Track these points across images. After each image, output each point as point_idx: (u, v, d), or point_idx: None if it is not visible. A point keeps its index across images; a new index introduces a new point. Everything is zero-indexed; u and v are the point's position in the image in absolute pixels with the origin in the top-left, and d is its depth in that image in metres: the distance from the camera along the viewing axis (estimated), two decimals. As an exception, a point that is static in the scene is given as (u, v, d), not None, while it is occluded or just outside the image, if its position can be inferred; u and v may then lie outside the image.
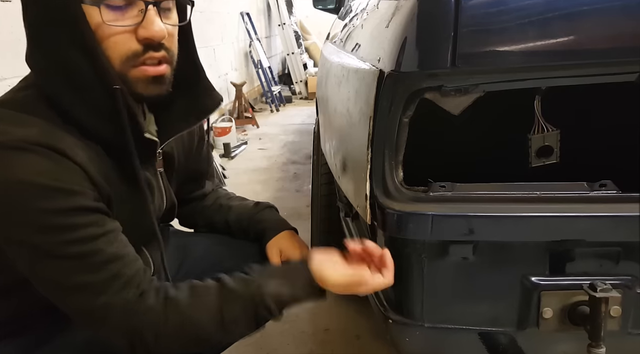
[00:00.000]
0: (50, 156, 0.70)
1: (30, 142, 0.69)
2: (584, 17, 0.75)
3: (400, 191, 0.81)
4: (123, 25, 0.72)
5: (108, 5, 0.71)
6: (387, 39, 0.83)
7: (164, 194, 0.95)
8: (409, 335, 0.88)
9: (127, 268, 0.76)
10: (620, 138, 1.03)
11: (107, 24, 0.71)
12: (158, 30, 0.73)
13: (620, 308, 0.77)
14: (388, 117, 0.78)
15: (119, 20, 0.72)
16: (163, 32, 0.74)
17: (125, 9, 0.72)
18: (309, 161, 3.08)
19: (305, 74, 6.69)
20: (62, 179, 0.70)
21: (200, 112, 0.89)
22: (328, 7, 2.60)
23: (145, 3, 0.72)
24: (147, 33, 0.73)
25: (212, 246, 1.14)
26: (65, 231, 0.70)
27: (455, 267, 0.81)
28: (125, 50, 0.73)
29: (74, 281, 0.72)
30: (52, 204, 0.69)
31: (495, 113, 1.01)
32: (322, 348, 1.63)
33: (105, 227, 0.75)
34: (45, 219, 0.69)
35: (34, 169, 0.69)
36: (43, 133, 0.71)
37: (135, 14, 0.73)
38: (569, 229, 0.78)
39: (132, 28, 0.72)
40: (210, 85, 0.90)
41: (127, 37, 0.73)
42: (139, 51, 0.74)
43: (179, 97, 0.86)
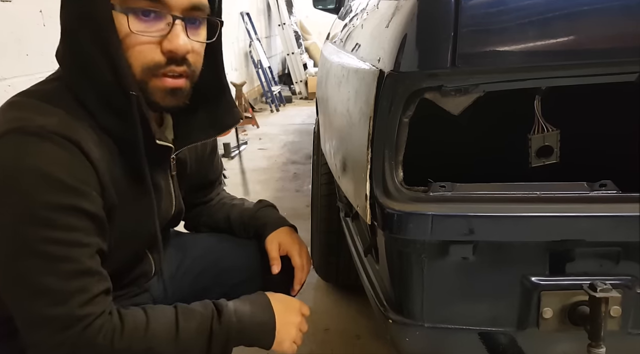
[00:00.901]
0: (65, 146, 0.71)
1: (48, 130, 0.70)
2: (584, 17, 0.75)
3: (400, 191, 0.81)
4: (149, 35, 0.73)
5: (137, 15, 0.73)
6: (387, 39, 0.83)
7: (173, 199, 0.96)
8: (409, 335, 0.88)
9: (94, 286, 0.74)
10: (621, 138, 1.03)
11: (133, 32, 0.73)
12: (182, 44, 0.75)
13: (620, 308, 0.77)
14: (388, 117, 0.78)
15: (146, 31, 0.74)
16: (187, 47, 0.75)
17: (153, 21, 0.74)
18: (309, 161, 3.08)
19: (305, 74, 6.69)
20: (72, 173, 0.71)
21: (220, 127, 0.92)
22: (328, 7, 2.60)
23: (173, 17, 0.74)
24: (171, 46, 0.74)
25: (210, 246, 1.15)
26: (52, 228, 0.69)
27: (455, 267, 0.81)
28: (148, 60, 0.75)
29: (42, 283, 0.70)
30: (52, 196, 0.69)
31: (495, 113, 1.01)
32: (322, 348, 1.63)
33: (90, 239, 0.74)
34: (38, 210, 0.69)
35: (47, 158, 0.69)
36: (62, 123, 0.72)
37: (163, 26, 0.74)
38: (569, 229, 0.78)
39: (157, 39, 0.74)
40: (232, 102, 0.93)
41: (152, 47, 0.74)
42: (161, 63, 0.75)
43: (201, 109, 0.89)
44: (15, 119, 0.71)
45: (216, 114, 0.91)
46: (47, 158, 0.69)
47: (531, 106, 0.84)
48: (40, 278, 0.70)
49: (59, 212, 0.70)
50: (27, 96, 0.77)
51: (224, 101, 0.91)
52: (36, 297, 0.70)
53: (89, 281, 0.73)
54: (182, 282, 1.08)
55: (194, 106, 0.87)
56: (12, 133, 0.70)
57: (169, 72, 0.76)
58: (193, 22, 0.77)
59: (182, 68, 0.77)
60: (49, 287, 0.70)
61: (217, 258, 1.13)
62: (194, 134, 0.90)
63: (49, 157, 0.69)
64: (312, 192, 1.98)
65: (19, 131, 0.69)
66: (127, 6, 0.72)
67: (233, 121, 0.92)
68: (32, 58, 2.25)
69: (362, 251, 1.07)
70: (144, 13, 0.73)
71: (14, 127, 0.70)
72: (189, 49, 0.76)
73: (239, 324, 0.85)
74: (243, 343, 0.87)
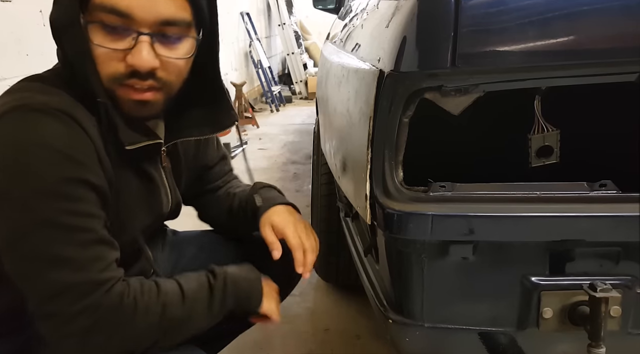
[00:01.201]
0: (67, 122, 0.72)
1: (51, 107, 0.71)
2: (584, 17, 0.75)
3: (400, 191, 0.81)
4: (113, 48, 0.74)
5: (104, 26, 0.73)
6: (387, 39, 0.83)
7: (168, 191, 0.96)
8: (409, 335, 0.88)
9: (110, 254, 0.76)
10: (621, 138, 1.03)
11: (97, 45, 0.73)
12: (145, 61, 0.74)
13: (620, 308, 0.77)
14: (388, 117, 0.78)
15: (112, 43, 0.74)
16: (149, 63, 0.74)
17: (120, 34, 0.73)
18: (309, 161, 3.08)
19: (305, 74, 6.68)
20: (76, 147, 0.72)
21: (215, 126, 0.92)
22: (328, 7, 2.60)
23: (137, 33, 0.73)
24: (133, 61, 0.74)
25: (205, 243, 1.16)
26: (65, 200, 0.70)
27: (455, 267, 0.81)
28: (112, 71, 0.75)
29: (59, 253, 0.70)
30: (61, 170, 0.70)
31: (495, 113, 1.01)
32: (322, 348, 1.63)
33: (98, 210, 0.75)
34: (49, 182, 0.69)
35: (51, 132, 0.70)
36: (64, 101, 0.73)
37: (129, 41, 0.74)
38: (569, 229, 0.78)
39: (122, 52, 0.74)
40: (230, 104, 0.93)
41: (117, 59, 0.74)
42: (124, 74, 0.75)
43: (197, 107, 0.89)
44: (17, 98, 0.73)
45: (212, 114, 0.91)
46: (51, 132, 0.70)
47: (531, 106, 0.84)
48: (57, 248, 0.70)
49: (69, 184, 0.71)
50: (27, 81, 0.79)
51: (222, 103, 0.92)
52: (55, 267, 0.71)
53: (104, 248, 0.75)
54: None
55: (189, 104, 0.88)
56: (15, 110, 0.71)
57: (134, 84, 0.76)
58: (166, 37, 0.76)
59: (148, 82, 0.77)
60: (68, 256, 0.71)
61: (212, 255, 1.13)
62: (186, 130, 0.90)
63: (53, 132, 0.70)
64: (312, 192, 1.99)
65: (22, 108, 0.71)
66: (95, 19, 0.73)
67: (229, 121, 0.93)
68: (32, 58, 2.25)
69: (362, 251, 1.07)
70: (111, 27, 0.73)
71: (16, 105, 0.71)
72: (152, 66, 0.75)
73: (232, 278, 0.89)
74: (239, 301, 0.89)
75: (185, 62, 0.80)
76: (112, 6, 0.71)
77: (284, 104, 6.30)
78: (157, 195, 0.92)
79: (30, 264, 0.71)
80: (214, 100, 0.91)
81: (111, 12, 0.72)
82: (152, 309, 0.78)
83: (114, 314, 0.74)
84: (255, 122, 4.95)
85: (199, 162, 1.08)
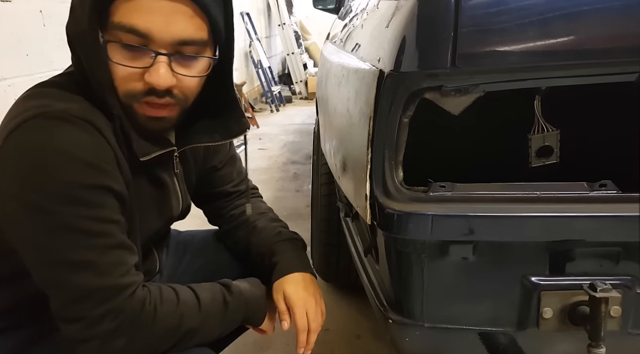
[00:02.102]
0: (88, 129, 0.73)
1: (71, 114, 0.72)
2: (584, 17, 0.75)
3: (400, 191, 0.81)
4: (131, 66, 0.75)
5: (123, 45, 0.74)
6: (387, 39, 0.83)
7: (179, 196, 0.97)
8: (409, 335, 0.88)
9: (130, 258, 0.77)
10: (621, 138, 1.03)
11: (114, 62, 0.74)
12: (162, 80, 0.75)
13: (620, 308, 0.77)
14: (388, 117, 0.78)
15: (130, 61, 0.75)
16: (167, 82, 0.76)
17: (139, 53, 0.74)
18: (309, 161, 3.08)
19: (305, 74, 6.68)
20: (97, 154, 0.73)
21: (226, 133, 0.92)
22: (328, 7, 2.61)
23: (155, 53, 0.74)
24: (151, 80, 0.75)
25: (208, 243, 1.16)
26: (86, 206, 0.72)
27: (455, 267, 0.81)
28: (129, 88, 0.76)
29: (83, 257, 0.72)
30: (81, 176, 0.71)
31: (496, 113, 1.01)
32: (322, 348, 1.63)
33: (119, 216, 0.76)
34: (70, 189, 0.70)
35: (72, 140, 0.71)
36: (83, 109, 0.74)
37: (147, 60, 0.75)
38: (569, 229, 0.78)
39: (141, 70, 0.75)
40: (241, 113, 0.93)
41: (135, 77, 0.76)
42: (142, 91, 0.76)
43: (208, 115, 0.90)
44: (36, 106, 0.73)
45: (224, 121, 0.92)
46: (71, 140, 0.71)
47: (531, 106, 0.84)
48: (80, 253, 0.72)
49: (89, 190, 0.72)
50: (44, 86, 0.79)
51: (233, 112, 0.92)
52: (78, 272, 0.72)
53: (124, 253, 0.76)
54: (182, 279, 1.09)
55: (201, 113, 0.89)
56: (35, 118, 0.71)
57: (150, 100, 0.77)
58: (183, 56, 0.77)
59: (164, 99, 0.78)
60: (90, 261, 0.72)
61: (215, 254, 1.13)
62: (197, 136, 0.91)
63: (73, 139, 0.71)
64: (312, 192, 1.99)
65: (42, 116, 0.71)
66: (113, 38, 0.74)
67: (240, 129, 0.93)
68: (32, 58, 2.25)
69: (362, 251, 1.07)
70: (129, 46, 0.74)
71: (36, 112, 0.72)
72: (170, 84, 0.76)
73: (245, 296, 0.91)
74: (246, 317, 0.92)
75: (200, 79, 0.81)
76: (131, 26, 0.72)
77: (284, 104, 6.30)
78: (169, 200, 0.93)
79: (53, 269, 0.72)
80: (226, 109, 0.91)
81: (130, 32, 0.73)
82: (170, 317, 0.80)
83: (136, 320, 0.76)
84: (255, 122, 4.95)
85: (208, 163, 1.09)
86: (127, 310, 0.74)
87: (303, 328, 0.96)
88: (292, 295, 0.97)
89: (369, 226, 0.92)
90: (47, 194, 0.70)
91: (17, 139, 0.71)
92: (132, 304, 0.75)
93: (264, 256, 1.05)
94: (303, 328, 0.96)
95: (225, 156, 1.13)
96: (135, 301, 0.75)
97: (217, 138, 0.92)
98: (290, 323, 0.97)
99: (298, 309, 0.96)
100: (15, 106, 0.78)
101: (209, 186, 1.13)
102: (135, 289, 0.76)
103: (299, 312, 0.96)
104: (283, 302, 0.97)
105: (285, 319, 0.96)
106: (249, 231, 1.09)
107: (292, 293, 0.97)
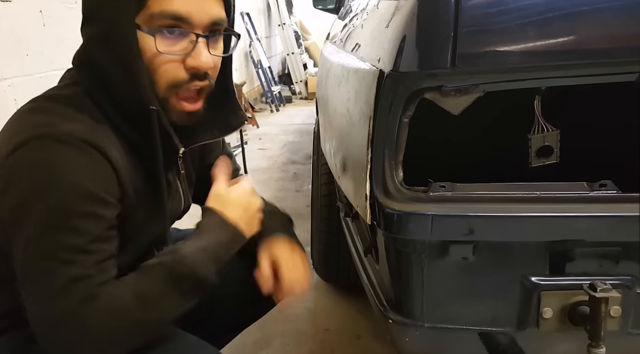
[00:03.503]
0: (91, 154, 0.73)
1: (75, 137, 0.73)
2: (584, 17, 0.75)
3: (400, 191, 0.81)
4: (174, 54, 0.77)
5: (163, 35, 0.76)
6: (387, 39, 0.83)
7: (182, 196, 0.97)
8: (409, 335, 0.88)
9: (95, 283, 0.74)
10: (621, 138, 1.03)
11: (160, 53, 0.76)
12: (205, 61, 0.78)
13: (620, 308, 0.77)
14: (388, 117, 0.78)
15: (171, 50, 0.77)
16: (210, 63, 0.79)
17: (177, 39, 0.77)
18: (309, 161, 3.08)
19: (305, 74, 6.68)
20: (96, 181, 0.73)
21: (225, 128, 0.93)
22: (328, 7, 2.61)
23: (196, 35, 0.77)
24: (195, 63, 0.78)
25: None
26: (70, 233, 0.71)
27: (455, 267, 0.81)
28: (172, 77, 0.78)
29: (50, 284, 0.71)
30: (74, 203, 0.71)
31: (495, 113, 1.01)
32: (322, 348, 1.63)
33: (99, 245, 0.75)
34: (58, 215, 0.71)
35: (74, 165, 0.72)
36: (87, 130, 0.75)
37: (186, 44, 0.77)
38: (569, 229, 0.78)
39: (181, 57, 0.77)
40: (237, 105, 0.94)
41: (176, 65, 0.78)
42: (185, 79, 0.79)
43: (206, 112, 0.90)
44: (42, 124, 0.74)
45: (222, 116, 0.92)
46: (73, 166, 0.72)
47: (531, 106, 0.84)
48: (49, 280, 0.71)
49: (76, 217, 0.72)
50: (49, 101, 0.79)
51: (230, 103, 0.93)
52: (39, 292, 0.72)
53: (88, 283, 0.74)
54: None
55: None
56: (40, 139, 0.72)
57: (192, 87, 0.80)
58: (213, 37, 0.80)
59: (205, 82, 0.81)
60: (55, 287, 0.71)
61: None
62: (199, 135, 0.91)
63: (75, 165, 0.72)
64: (312, 192, 1.99)
65: (47, 137, 0.72)
66: (153, 27, 0.75)
67: (238, 122, 0.94)
68: (32, 58, 2.25)
69: (362, 251, 1.07)
70: (169, 32, 0.76)
71: (41, 132, 0.72)
72: (211, 65, 0.80)
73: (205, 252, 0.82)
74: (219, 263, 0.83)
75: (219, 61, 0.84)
76: (173, 12, 0.75)
77: (284, 104, 6.30)
78: (174, 201, 0.94)
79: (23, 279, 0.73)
80: (222, 100, 0.91)
81: (172, 18, 0.75)
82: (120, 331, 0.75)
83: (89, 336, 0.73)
84: (255, 122, 4.95)
85: (205, 161, 1.09)
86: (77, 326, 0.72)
87: (289, 291, 0.93)
88: (280, 255, 0.94)
89: (369, 226, 0.92)
90: (36, 217, 0.71)
91: (20, 158, 0.72)
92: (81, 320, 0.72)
93: None
94: (289, 290, 0.93)
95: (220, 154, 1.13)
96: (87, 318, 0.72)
97: (217, 134, 0.93)
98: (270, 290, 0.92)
99: (286, 271, 0.92)
100: (19, 118, 0.78)
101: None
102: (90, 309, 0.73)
103: (287, 274, 0.92)
104: (268, 266, 0.93)
105: (266, 286, 0.91)
106: None
107: (280, 253, 0.94)
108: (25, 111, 0.78)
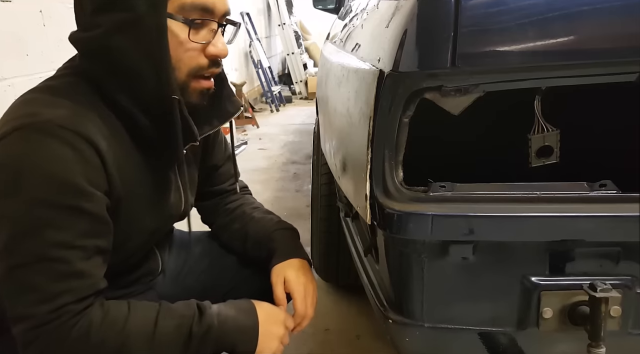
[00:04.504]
0: (72, 142, 0.72)
1: (56, 124, 0.71)
2: (584, 17, 0.75)
3: (400, 191, 0.81)
4: (200, 42, 0.80)
5: (193, 24, 0.79)
6: (387, 39, 0.83)
7: (181, 193, 0.96)
8: (409, 335, 0.88)
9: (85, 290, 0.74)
10: (621, 138, 1.03)
11: (192, 41, 0.79)
12: (225, 49, 0.83)
13: (620, 308, 0.77)
14: (388, 117, 0.78)
15: (198, 38, 0.80)
16: (227, 50, 0.84)
17: (201, 28, 0.81)
18: (309, 161, 3.08)
19: (305, 74, 6.69)
20: (76, 172, 0.72)
21: (223, 116, 0.95)
22: (328, 7, 2.61)
23: (218, 24, 0.82)
24: (216, 51, 0.82)
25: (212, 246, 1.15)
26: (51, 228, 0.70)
27: (455, 267, 0.81)
28: (194, 64, 0.81)
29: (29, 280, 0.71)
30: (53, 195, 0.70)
31: (495, 113, 1.01)
32: (322, 348, 1.63)
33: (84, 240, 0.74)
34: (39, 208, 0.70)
35: (52, 156, 0.70)
36: (70, 116, 0.73)
37: (206, 33, 0.82)
38: (569, 229, 0.78)
39: (203, 45, 0.81)
40: (231, 92, 0.97)
41: (197, 53, 0.81)
42: (205, 66, 0.83)
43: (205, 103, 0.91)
44: (23, 115, 0.73)
45: (219, 106, 0.93)
46: (51, 156, 0.70)
47: (531, 106, 0.84)
48: (29, 276, 0.71)
49: (58, 211, 0.71)
50: (38, 92, 0.79)
51: (225, 92, 0.94)
52: (23, 293, 0.71)
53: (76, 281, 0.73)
54: (186, 280, 1.09)
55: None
56: (19, 130, 0.71)
57: (208, 73, 0.83)
58: (225, 26, 0.86)
59: (219, 69, 0.85)
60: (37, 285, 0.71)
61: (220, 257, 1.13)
62: (199, 128, 0.91)
63: (53, 155, 0.70)
64: (312, 192, 1.98)
65: (25, 129, 0.71)
66: (186, 17, 0.78)
67: (234, 109, 0.95)
68: (32, 58, 2.25)
69: (362, 251, 1.07)
70: (200, 23, 0.80)
71: (22, 123, 0.71)
72: (227, 53, 0.84)
73: (221, 328, 0.84)
74: (224, 347, 0.85)
75: None
76: (204, 4, 0.79)
77: (284, 104, 6.30)
78: (172, 198, 0.93)
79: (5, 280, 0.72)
80: (217, 90, 0.92)
81: (201, 10, 0.79)
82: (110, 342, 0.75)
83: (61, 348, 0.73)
84: (255, 122, 4.95)
85: (208, 162, 1.09)
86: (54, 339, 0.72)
87: (302, 313, 0.98)
88: (294, 280, 0.98)
89: (369, 226, 0.92)
90: (12, 211, 0.70)
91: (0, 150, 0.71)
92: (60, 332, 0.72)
93: (262, 243, 1.06)
94: (302, 313, 0.98)
95: (223, 154, 1.14)
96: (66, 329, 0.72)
97: (216, 123, 0.94)
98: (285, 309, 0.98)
99: (299, 295, 0.98)
100: (9, 110, 0.77)
101: (210, 184, 1.13)
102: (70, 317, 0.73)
103: (299, 297, 0.98)
104: (281, 287, 0.98)
105: (282, 305, 0.98)
106: (246, 222, 1.10)
107: (294, 277, 0.99)
108: (15, 103, 0.78)
